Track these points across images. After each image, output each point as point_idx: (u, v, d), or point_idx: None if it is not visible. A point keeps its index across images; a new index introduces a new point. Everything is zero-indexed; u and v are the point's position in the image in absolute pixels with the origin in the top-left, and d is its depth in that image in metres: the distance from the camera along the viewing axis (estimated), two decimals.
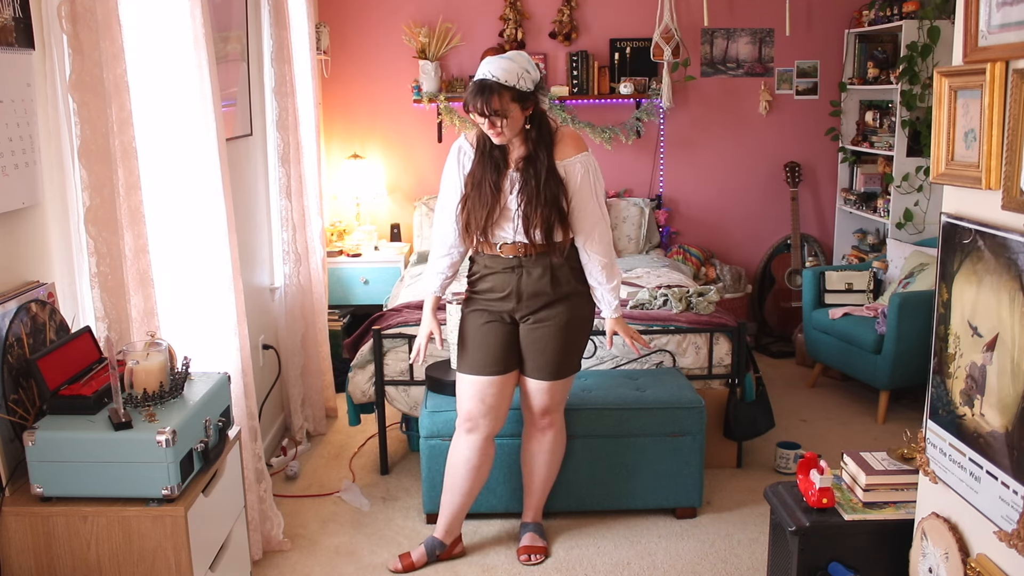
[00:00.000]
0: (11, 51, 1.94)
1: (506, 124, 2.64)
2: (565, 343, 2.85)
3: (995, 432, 1.68)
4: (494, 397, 2.86)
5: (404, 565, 2.97)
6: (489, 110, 2.61)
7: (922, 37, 4.61)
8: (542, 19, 5.31)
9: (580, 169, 2.74)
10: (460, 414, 2.92)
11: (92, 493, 1.93)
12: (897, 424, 4.19)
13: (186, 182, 2.69)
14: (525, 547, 3.04)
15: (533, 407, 2.95)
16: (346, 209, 5.41)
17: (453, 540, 3.04)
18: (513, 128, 2.67)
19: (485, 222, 2.74)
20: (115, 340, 2.15)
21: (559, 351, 2.85)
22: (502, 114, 2.61)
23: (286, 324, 4.00)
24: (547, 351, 2.84)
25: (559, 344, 2.84)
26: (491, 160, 2.75)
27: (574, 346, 2.90)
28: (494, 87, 2.60)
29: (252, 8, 3.73)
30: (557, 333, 2.83)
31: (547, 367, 2.86)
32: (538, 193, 2.69)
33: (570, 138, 2.78)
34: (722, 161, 5.53)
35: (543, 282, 2.79)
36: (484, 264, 2.85)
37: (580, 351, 2.95)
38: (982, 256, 1.72)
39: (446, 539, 3.02)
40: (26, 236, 2.06)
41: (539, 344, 2.84)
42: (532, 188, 2.70)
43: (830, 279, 4.77)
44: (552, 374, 2.87)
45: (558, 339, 2.83)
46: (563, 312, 2.83)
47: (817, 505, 2.26)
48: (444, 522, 3.01)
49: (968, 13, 1.73)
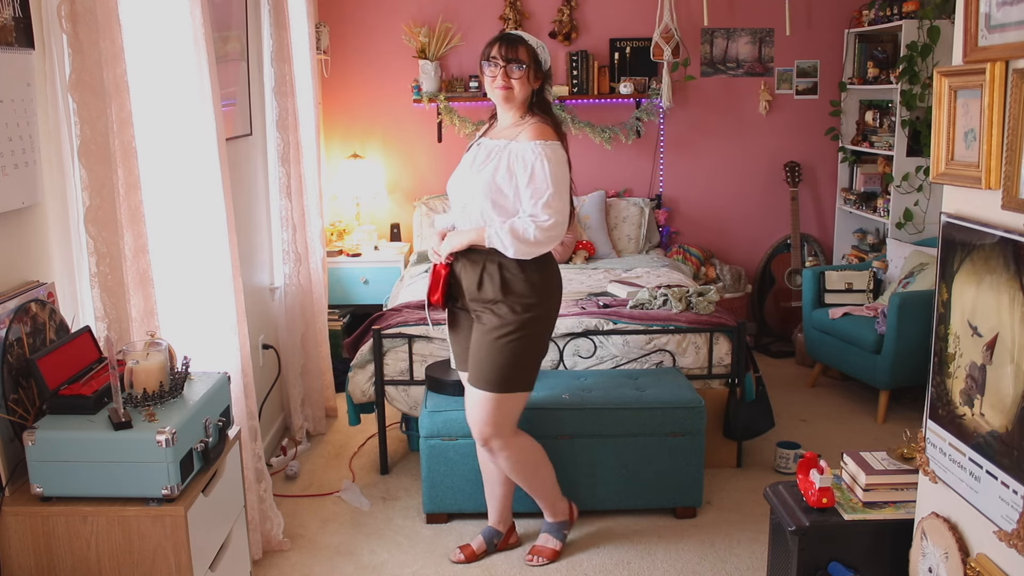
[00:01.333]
0: (11, 51, 1.94)
1: (521, 79, 2.64)
2: (489, 357, 2.70)
3: (995, 432, 1.68)
4: None
5: (466, 555, 3.02)
6: (511, 54, 2.63)
7: (922, 37, 4.61)
8: (542, 19, 5.31)
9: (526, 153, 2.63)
10: (502, 429, 2.77)
11: (92, 493, 1.92)
12: (897, 424, 4.19)
13: (186, 182, 2.69)
14: (534, 547, 3.05)
15: (469, 417, 2.83)
16: (346, 209, 5.41)
17: (509, 529, 3.10)
18: (524, 89, 2.67)
19: None
20: (115, 340, 2.15)
21: (483, 362, 2.71)
22: (520, 63, 2.63)
23: (286, 324, 4.00)
24: (476, 357, 2.74)
25: (483, 354, 2.72)
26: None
27: (493, 363, 2.69)
28: (520, 38, 2.67)
29: (252, 8, 3.73)
30: (480, 342, 2.73)
31: (476, 373, 2.74)
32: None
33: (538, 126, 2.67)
34: (722, 161, 5.53)
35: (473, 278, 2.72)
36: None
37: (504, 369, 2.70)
38: (982, 256, 1.72)
39: (503, 526, 3.08)
40: (26, 236, 2.06)
41: (472, 345, 2.77)
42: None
43: (830, 279, 4.77)
44: (477, 381, 2.73)
45: (482, 349, 2.72)
46: (487, 322, 2.72)
47: (817, 505, 2.26)
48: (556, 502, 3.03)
49: (968, 13, 1.73)
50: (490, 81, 2.69)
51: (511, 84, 2.65)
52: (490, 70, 2.68)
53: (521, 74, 2.64)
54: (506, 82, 2.65)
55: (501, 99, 2.70)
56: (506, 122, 2.76)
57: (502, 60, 2.64)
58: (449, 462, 3.20)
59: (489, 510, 3.09)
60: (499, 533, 3.07)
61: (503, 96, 2.68)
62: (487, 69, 2.69)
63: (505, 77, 2.65)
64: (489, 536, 3.07)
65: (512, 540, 3.10)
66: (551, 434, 3.18)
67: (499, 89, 2.67)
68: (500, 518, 3.07)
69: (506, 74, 2.64)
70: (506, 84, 2.66)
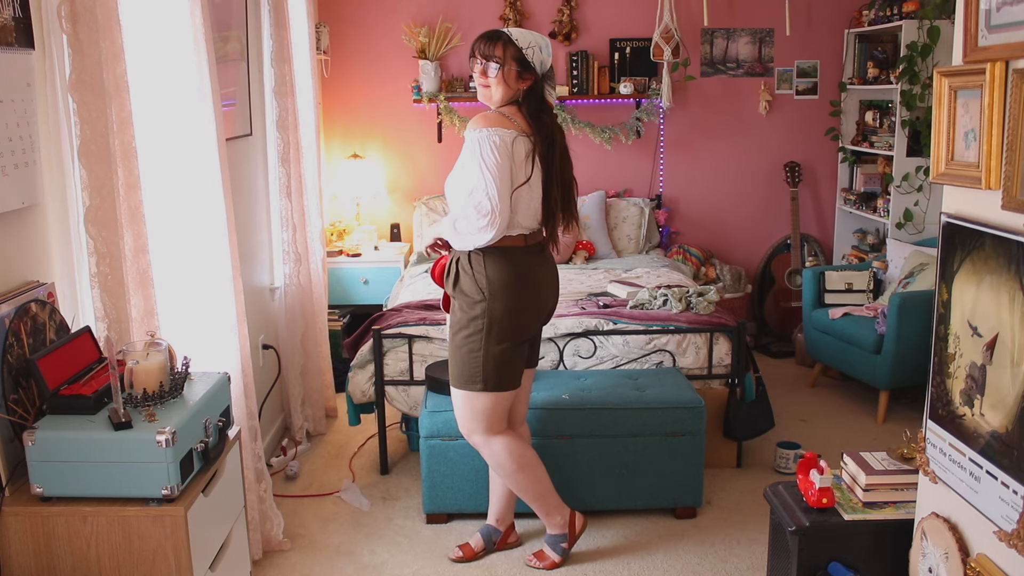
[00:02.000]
0: (11, 51, 1.94)
1: (496, 77, 2.60)
2: (456, 352, 2.73)
3: (995, 432, 1.68)
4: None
5: (466, 554, 3.02)
6: (489, 51, 2.59)
7: (922, 37, 4.61)
8: (542, 19, 5.31)
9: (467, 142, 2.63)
10: (488, 428, 2.79)
11: (92, 493, 1.92)
12: (897, 424, 4.19)
13: (186, 182, 2.69)
14: (537, 551, 3.03)
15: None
16: (346, 209, 5.41)
17: (507, 529, 3.09)
18: (500, 88, 2.61)
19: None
20: (115, 340, 2.15)
21: (453, 356, 2.75)
22: (497, 61, 2.58)
23: (286, 324, 4.00)
24: (450, 352, 2.78)
25: (452, 349, 2.76)
26: None
27: (459, 359, 2.72)
28: (501, 35, 2.61)
29: (252, 8, 3.73)
30: (451, 338, 2.76)
31: (451, 368, 2.79)
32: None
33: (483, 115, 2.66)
34: (722, 161, 5.53)
35: (449, 275, 2.74)
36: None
37: (470, 364, 2.70)
38: (982, 256, 1.72)
39: (503, 525, 3.08)
40: (26, 236, 2.06)
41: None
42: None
43: (830, 279, 4.77)
44: (451, 377, 2.79)
45: (451, 344, 2.76)
46: (454, 318, 2.74)
47: (817, 505, 2.26)
48: (552, 506, 2.99)
49: (968, 13, 1.73)
50: (475, 75, 2.67)
51: (488, 82, 2.63)
52: (473, 66, 2.66)
53: (496, 72, 2.60)
54: (483, 80, 2.63)
55: (480, 96, 2.69)
56: None
57: (481, 57, 2.62)
58: (449, 462, 3.20)
59: (490, 505, 3.09)
60: (497, 531, 3.07)
61: (481, 94, 2.67)
62: (472, 65, 2.67)
63: (483, 75, 2.63)
64: (487, 534, 3.07)
65: (511, 540, 3.10)
66: (551, 434, 3.18)
67: (479, 87, 2.66)
68: (498, 516, 3.07)
69: (484, 72, 2.63)
70: (483, 82, 2.64)
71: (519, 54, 2.60)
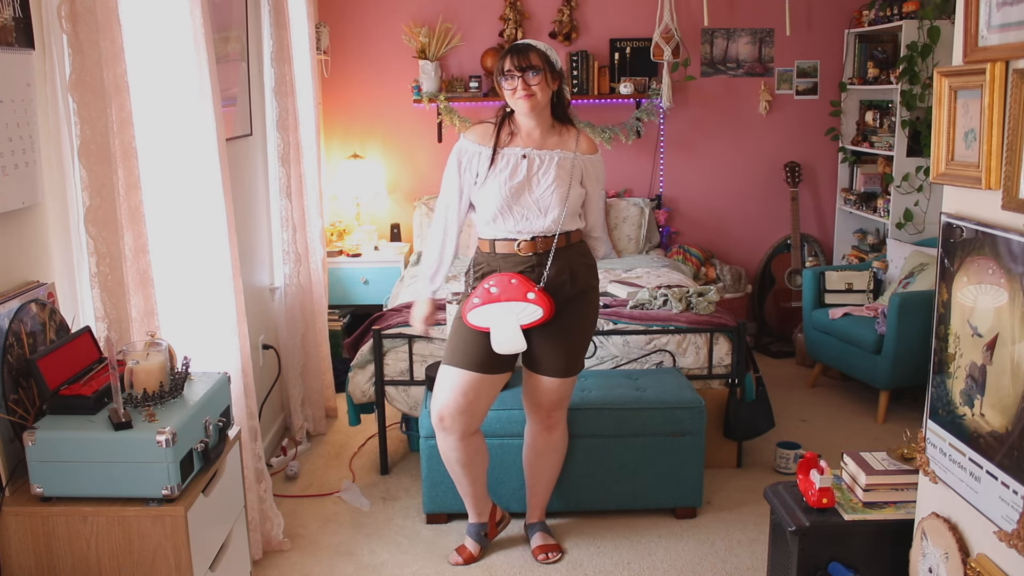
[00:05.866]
0: (11, 51, 1.94)
1: (540, 84, 2.66)
2: (583, 339, 2.88)
3: (995, 432, 1.68)
4: (475, 395, 2.79)
5: (464, 558, 3.02)
6: (525, 63, 2.64)
7: (922, 37, 4.61)
8: (542, 19, 5.31)
9: (596, 167, 2.82)
10: (433, 410, 2.84)
11: (92, 493, 1.92)
12: (897, 424, 4.19)
13: (186, 182, 2.69)
14: (541, 546, 3.04)
15: (544, 405, 2.92)
16: (346, 209, 5.41)
17: (490, 515, 3.08)
18: (545, 93, 2.68)
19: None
20: (115, 340, 2.14)
21: (578, 347, 2.86)
22: (536, 70, 2.65)
23: (286, 324, 4.00)
24: (567, 347, 2.83)
25: (578, 339, 2.86)
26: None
27: (586, 343, 2.92)
28: (529, 45, 2.70)
29: (252, 8, 3.73)
30: (575, 329, 2.83)
31: (564, 364, 2.84)
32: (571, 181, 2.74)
33: (586, 137, 2.85)
34: (722, 161, 5.53)
35: (564, 277, 2.78)
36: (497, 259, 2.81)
37: (587, 347, 2.96)
38: (982, 256, 1.72)
39: (482, 518, 3.06)
40: (26, 236, 2.06)
41: (557, 339, 2.80)
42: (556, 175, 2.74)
43: (830, 279, 4.77)
44: (566, 371, 2.86)
45: (576, 335, 2.84)
46: (581, 308, 2.83)
47: (817, 505, 2.26)
48: (471, 507, 3.05)
49: (968, 13, 1.73)
50: (510, 94, 2.68)
51: (533, 91, 2.66)
52: (508, 84, 2.67)
53: (539, 79, 2.65)
54: (527, 90, 2.66)
55: (527, 108, 2.68)
56: (537, 130, 2.76)
57: (517, 71, 2.65)
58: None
59: (468, 507, 3.07)
60: (484, 525, 3.06)
61: (529, 105, 2.67)
62: (505, 84, 2.68)
63: (525, 86, 2.65)
64: (476, 532, 3.05)
65: (499, 519, 3.10)
66: None
67: (523, 99, 2.67)
68: (478, 510, 3.05)
69: (525, 83, 2.65)
70: (528, 92, 2.66)
71: (547, 57, 2.69)
